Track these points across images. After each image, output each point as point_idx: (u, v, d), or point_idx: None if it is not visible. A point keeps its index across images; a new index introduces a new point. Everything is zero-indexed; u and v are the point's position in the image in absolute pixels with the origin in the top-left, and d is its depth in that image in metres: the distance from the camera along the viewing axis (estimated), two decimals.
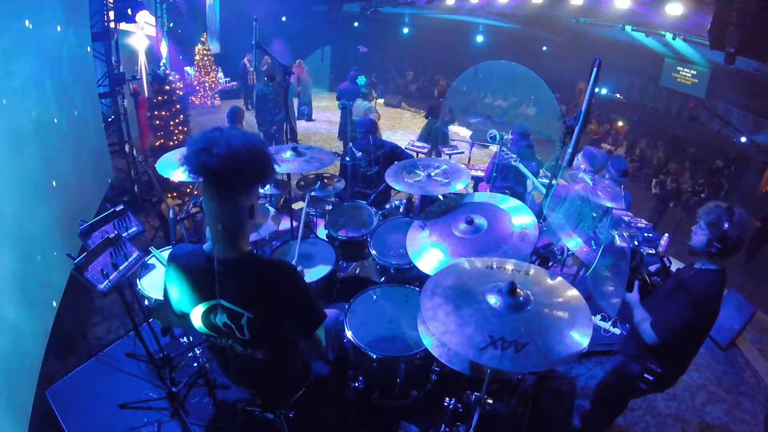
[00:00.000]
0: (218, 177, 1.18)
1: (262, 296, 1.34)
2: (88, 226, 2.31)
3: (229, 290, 1.33)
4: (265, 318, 1.36)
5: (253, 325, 1.36)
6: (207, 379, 2.59)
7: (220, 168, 1.16)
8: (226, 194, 1.24)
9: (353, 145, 4.20)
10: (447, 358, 1.93)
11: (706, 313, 1.97)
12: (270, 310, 1.36)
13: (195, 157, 1.16)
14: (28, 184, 2.86)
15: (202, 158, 1.15)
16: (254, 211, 1.33)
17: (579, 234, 2.64)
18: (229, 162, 1.16)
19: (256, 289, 1.34)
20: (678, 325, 1.94)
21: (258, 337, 1.40)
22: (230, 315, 1.36)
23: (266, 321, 1.37)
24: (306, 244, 3.07)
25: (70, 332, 3.17)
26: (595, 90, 1.86)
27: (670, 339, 1.96)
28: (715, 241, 1.87)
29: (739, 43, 5.31)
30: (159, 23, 8.87)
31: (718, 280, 1.94)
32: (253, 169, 1.22)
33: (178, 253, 1.42)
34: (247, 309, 1.34)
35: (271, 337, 1.43)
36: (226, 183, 1.21)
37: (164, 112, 5.54)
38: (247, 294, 1.34)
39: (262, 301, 1.35)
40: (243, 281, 1.34)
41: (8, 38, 2.77)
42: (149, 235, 4.43)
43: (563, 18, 9.65)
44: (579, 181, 2.97)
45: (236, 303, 1.34)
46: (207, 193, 1.25)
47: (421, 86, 14.67)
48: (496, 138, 3.71)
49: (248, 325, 1.36)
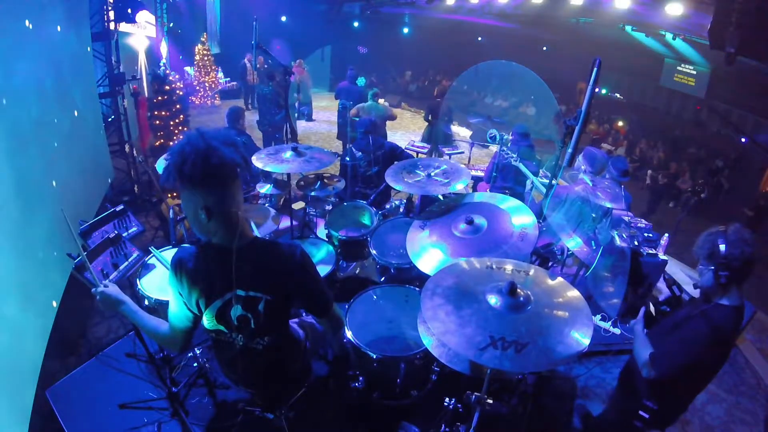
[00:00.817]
0: (211, 176, 1.25)
1: (280, 276, 1.40)
2: (88, 226, 2.32)
3: (246, 276, 1.37)
4: (284, 299, 1.44)
5: (270, 309, 1.42)
6: (207, 379, 2.59)
7: (207, 168, 1.23)
8: (220, 187, 1.30)
9: (353, 145, 4.21)
10: (447, 358, 1.93)
11: (717, 353, 1.78)
12: (288, 290, 1.42)
13: (179, 169, 1.24)
14: (28, 184, 2.86)
15: (186, 169, 1.23)
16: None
17: (579, 234, 2.64)
18: (213, 159, 1.23)
19: (273, 270, 1.40)
20: (682, 361, 1.75)
21: (270, 321, 1.45)
22: (246, 304, 1.40)
23: (284, 302, 1.45)
24: (306, 244, 3.07)
25: (70, 332, 3.17)
26: (595, 90, 1.86)
27: (670, 375, 1.77)
28: (720, 271, 1.69)
29: (739, 43, 5.31)
30: (159, 23, 8.87)
31: (735, 317, 1.74)
32: (232, 156, 1.28)
33: (183, 256, 1.39)
34: (265, 292, 1.39)
35: (281, 322, 1.52)
36: (218, 177, 1.27)
37: (164, 112, 5.54)
38: (266, 275, 1.39)
39: (280, 280, 1.40)
40: (260, 264, 1.38)
41: (8, 38, 2.77)
42: (149, 235, 4.44)
43: (563, 18, 9.64)
44: (579, 182, 2.98)
45: (254, 288, 1.39)
46: (202, 193, 1.29)
47: (421, 86, 14.67)
48: (496, 138, 3.71)
49: (265, 309, 1.41)
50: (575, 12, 8.83)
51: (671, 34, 8.33)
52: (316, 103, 11.06)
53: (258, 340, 1.48)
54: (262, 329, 1.45)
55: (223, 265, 1.33)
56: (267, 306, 1.41)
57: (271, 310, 1.42)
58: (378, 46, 14.47)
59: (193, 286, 1.37)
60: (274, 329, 1.49)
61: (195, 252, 1.38)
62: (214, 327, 1.45)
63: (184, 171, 1.23)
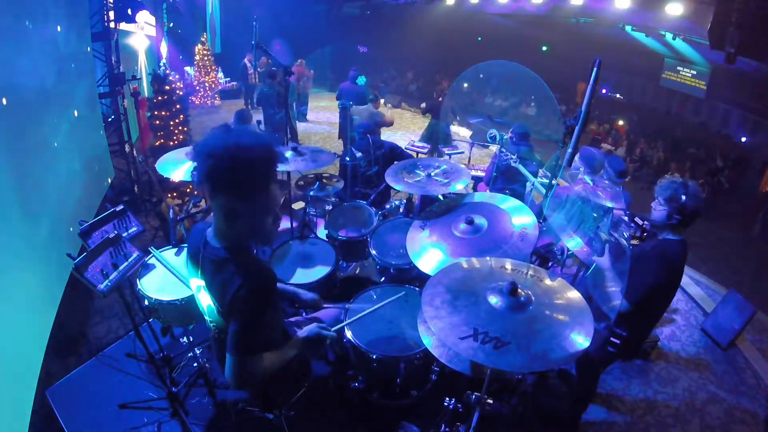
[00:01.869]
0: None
1: (223, 292, 1.37)
2: (88, 226, 2.32)
3: (205, 276, 1.44)
4: (227, 313, 1.40)
5: (221, 315, 1.44)
6: (207, 379, 2.59)
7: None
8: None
9: (353, 145, 4.20)
10: (447, 358, 1.93)
11: (669, 280, 2.13)
12: (227, 308, 1.38)
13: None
14: (28, 184, 2.85)
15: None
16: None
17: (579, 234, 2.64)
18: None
19: (220, 285, 1.39)
20: (643, 291, 2.08)
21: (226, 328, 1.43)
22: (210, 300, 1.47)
23: (227, 315, 1.40)
24: (306, 244, 3.07)
25: (70, 332, 3.17)
26: (595, 90, 1.86)
27: (638, 301, 2.09)
28: (675, 214, 2.05)
29: (739, 43, 5.31)
30: (159, 23, 8.87)
31: (680, 248, 2.10)
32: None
33: (194, 228, 1.55)
34: (216, 299, 1.43)
35: None
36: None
37: (164, 112, 5.53)
38: (213, 286, 1.42)
39: (222, 296, 1.39)
40: (216, 272, 1.40)
41: (8, 38, 2.77)
42: (149, 235, 4.43)
43: (563, 18, 9.64)
44: (579, 182, 2.97)
45: (211, 291, 1.44)
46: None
47: (421, 86, 14.67)
48: (496, 138, 3.71)
49: (219, 315, 1.45)
50: (575, 12, 8.83)
51: (671, 34, 8.32)
52: (316, 103, 11.06)
53: None
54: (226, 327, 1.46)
55: (197, 254, 1.46)
56: (219, 312, 1.44)
57: (223, 316, 1.43)
58: (378, 46, 14.47)
59: (187, 258, 1.57)
60: None
61: (200, 228, 1.54)
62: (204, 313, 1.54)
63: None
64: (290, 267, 2.83)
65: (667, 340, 3.60)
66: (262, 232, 1.39)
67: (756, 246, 7.09)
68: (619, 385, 3.12)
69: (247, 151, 1.24)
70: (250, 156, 1.25)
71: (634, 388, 3.10)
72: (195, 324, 2.56)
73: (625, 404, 2.98)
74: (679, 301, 4.16)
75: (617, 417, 2.87)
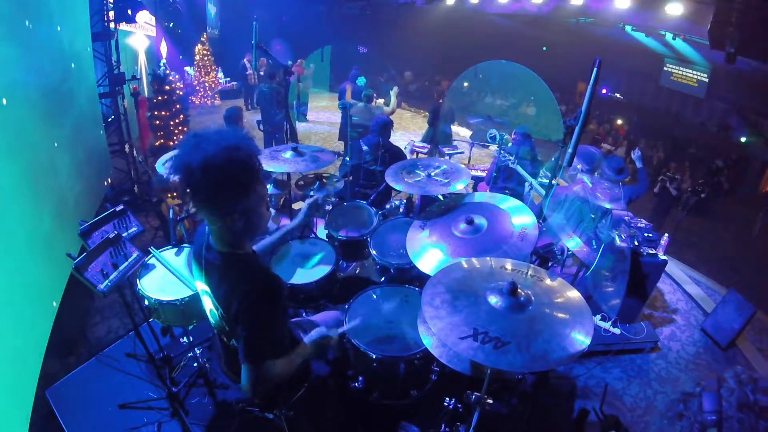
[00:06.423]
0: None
1: (231, 296, 1.34)
2: (88, 226, 2.32)
3: (213, 282, 1.41)
4: (233, 320, 1.36)
5: (225, 321, 1.42)
6: (207, 379, 2.59)
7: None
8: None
9: (362, 139, 4.19)
10: (447, 358, 1.93)
11: None
12: (234, 313, 1.34)
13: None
14: (28, 184, 2.86)
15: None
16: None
17: (579, 234, 2.64)
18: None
19: (225, 291, 1.37)
20: None
21: (232, 333, 1.44)
22: (214, 305, 1.45)
23: (233, 322, 1.37)
24: (306, 244, 3.07)
25: (70, 332, 3.17)
26: (595, 90, 1.86)
27: None
28: None
29: (739, 43, 5.32)
30: (159, 23, 8.86)
31: None
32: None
33: (198, 229, 1.52)
34: (220, 304, 1.40)
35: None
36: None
37: (164, 112, 5.54)
38: (223, 291, 1.38)
39: (229, 301, 1.35)
40: (224, 277, 1.38)
41: (8, 38, 2.77)
42: (149, 235, 4.43)
43: (563, 18, 9.64)
44: (578, 182, 2.98)
45: (215, 297, 1.42)
46: None
47: (421, 86, 14.66)
48: (495, 138, 3.71)
49: (222, 318, 1.43)
50: (575, 12, 8.83)
51: (671, 34, 8.32)
52: (316, 103, 11.05)
53: (234, 342, 1.47)
54: (232, 335, 1.45)
55: (200, 258, 1.44)
56: (222, 318, 1.42)
57: (227, 322, 1.41)
58: (378, 46, 14.45)
59: (191, 261, 1.57)
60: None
61: (202, 231, 1.51)
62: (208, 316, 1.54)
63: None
64: (290, 267, 2.83)
65: (667, 340, 3.60)
66: (256, 229, 1.38)
67: (756, 246, 7.09)
68: (619, 385, 3.12)
69: (220, 163, 1.18)
70: (223, 166, 1.18)
71: (634, 388, 3.10)
72: (195, 324, 2.55)
73: (625, 404, 2.98)
74: (679, 301, 4.16)
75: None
